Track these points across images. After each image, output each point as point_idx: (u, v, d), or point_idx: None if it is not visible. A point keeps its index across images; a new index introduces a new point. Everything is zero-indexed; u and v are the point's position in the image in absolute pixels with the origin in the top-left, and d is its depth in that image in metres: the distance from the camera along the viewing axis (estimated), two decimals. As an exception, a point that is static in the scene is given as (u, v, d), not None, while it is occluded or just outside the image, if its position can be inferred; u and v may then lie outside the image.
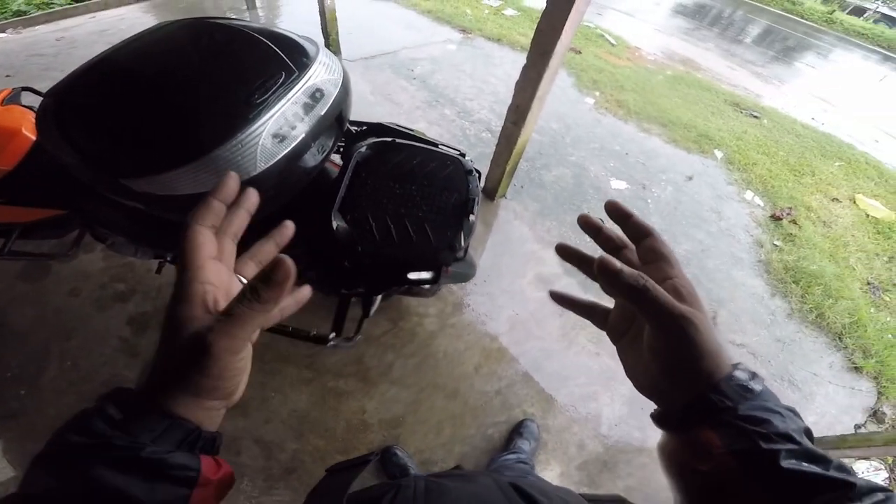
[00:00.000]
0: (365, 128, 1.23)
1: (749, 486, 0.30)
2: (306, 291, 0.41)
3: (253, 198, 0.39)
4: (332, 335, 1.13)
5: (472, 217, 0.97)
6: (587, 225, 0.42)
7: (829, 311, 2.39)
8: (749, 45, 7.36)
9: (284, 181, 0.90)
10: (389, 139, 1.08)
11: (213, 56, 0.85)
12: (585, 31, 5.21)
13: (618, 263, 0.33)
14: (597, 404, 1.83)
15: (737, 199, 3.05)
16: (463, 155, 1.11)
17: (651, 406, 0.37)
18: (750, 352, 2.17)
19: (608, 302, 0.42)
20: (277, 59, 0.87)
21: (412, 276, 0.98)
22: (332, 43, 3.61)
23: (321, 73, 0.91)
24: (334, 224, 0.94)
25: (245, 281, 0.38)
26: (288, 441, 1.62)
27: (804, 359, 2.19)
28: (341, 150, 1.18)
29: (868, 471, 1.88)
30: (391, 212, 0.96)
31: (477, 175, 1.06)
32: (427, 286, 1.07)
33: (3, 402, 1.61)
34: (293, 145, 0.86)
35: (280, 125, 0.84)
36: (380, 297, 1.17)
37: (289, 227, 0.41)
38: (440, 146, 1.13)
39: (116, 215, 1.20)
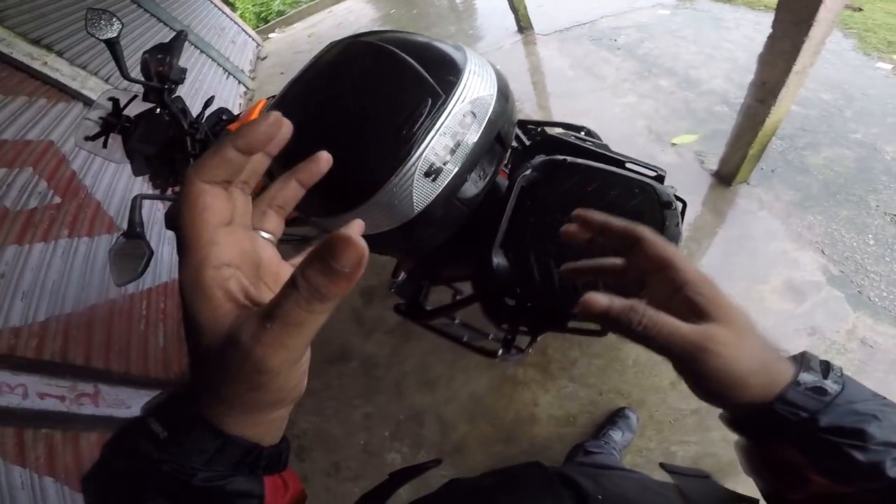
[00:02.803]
0: (537, 138, 1.12)
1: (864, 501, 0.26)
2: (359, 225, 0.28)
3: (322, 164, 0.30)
4: (500, 352, 1.12)
5: None
6: (585, 222, 0.37)
7: None
8: None
9: (444, 218, 0.84)
10: (560, 158, 0.92)
11: (364, 87, 0.80)
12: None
13: (603, 301, 0.28)
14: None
15: None
16: (661, 178, 0.90)
17: None
18: None
19: None
20: (422, 83, 0.77)
21: (573, 325, 0.91)
22: (521, 18, 3.46)
23: (472, 90, 0.79)
24: (494, 262, 0.88)
25: (268, 236, 0.29)
26: (461, 422, 1.67)
27: None
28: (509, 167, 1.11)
29: None
30: (555, 253, 0.84)
31: (679, 207, 0.84)
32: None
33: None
34: (447, 181, 0.79)
35: (430, 162, 0.75)
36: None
37: (322, 160, 0.29)
38: (629, 164, 0.93)
39: None
